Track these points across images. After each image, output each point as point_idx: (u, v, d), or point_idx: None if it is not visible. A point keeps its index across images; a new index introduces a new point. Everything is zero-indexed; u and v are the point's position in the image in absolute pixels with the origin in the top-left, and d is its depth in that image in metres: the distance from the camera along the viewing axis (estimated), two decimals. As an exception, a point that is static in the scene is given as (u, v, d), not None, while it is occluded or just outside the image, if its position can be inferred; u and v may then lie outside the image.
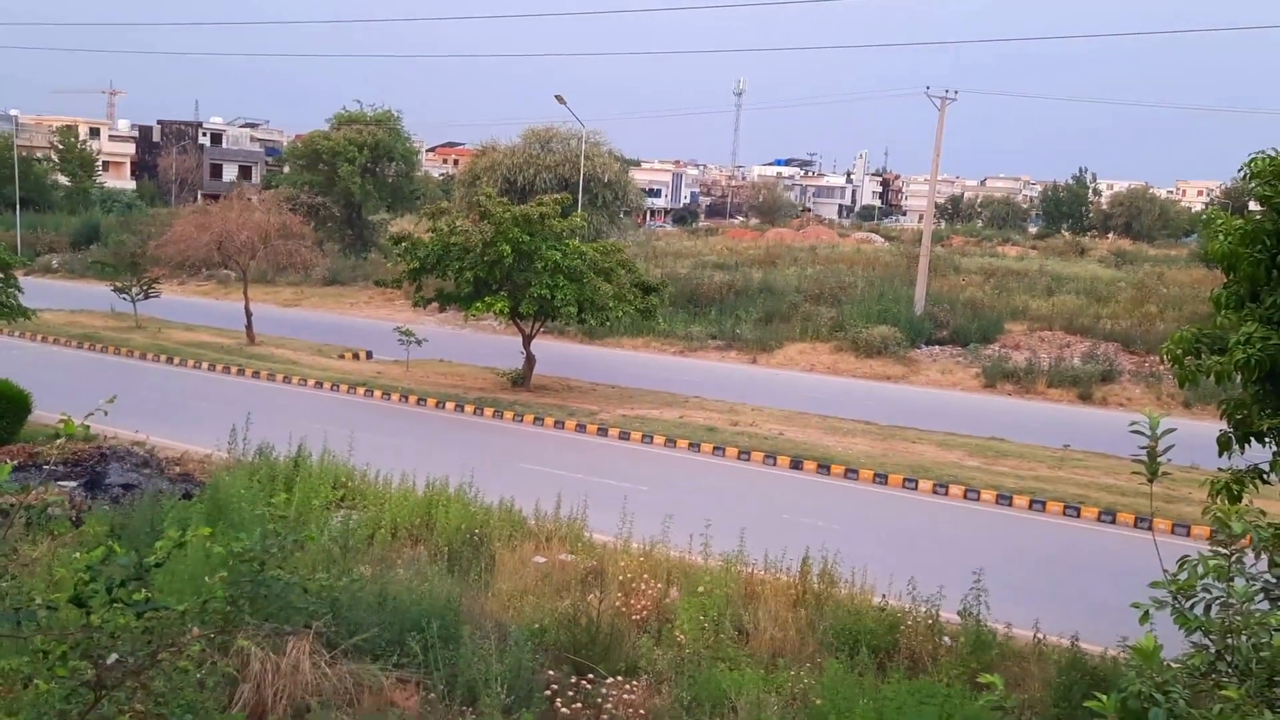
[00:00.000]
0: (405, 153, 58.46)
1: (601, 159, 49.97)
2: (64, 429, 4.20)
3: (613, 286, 25.86)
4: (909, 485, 19.57)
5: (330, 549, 10.66)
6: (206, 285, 49.09)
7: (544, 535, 13.12)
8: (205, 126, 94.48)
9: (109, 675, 3.73)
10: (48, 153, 79.02)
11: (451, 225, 26.26)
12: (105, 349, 31.24)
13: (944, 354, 34.69)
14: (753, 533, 12.10)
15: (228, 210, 35.14)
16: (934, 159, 39.35)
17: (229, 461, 14.95)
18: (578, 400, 25.98)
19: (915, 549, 15.49)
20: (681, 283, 40.72)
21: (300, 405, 24.08)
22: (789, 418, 24.87)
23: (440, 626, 8.88)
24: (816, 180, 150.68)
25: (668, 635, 10.02)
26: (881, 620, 10.64)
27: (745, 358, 35.27)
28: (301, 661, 8.20)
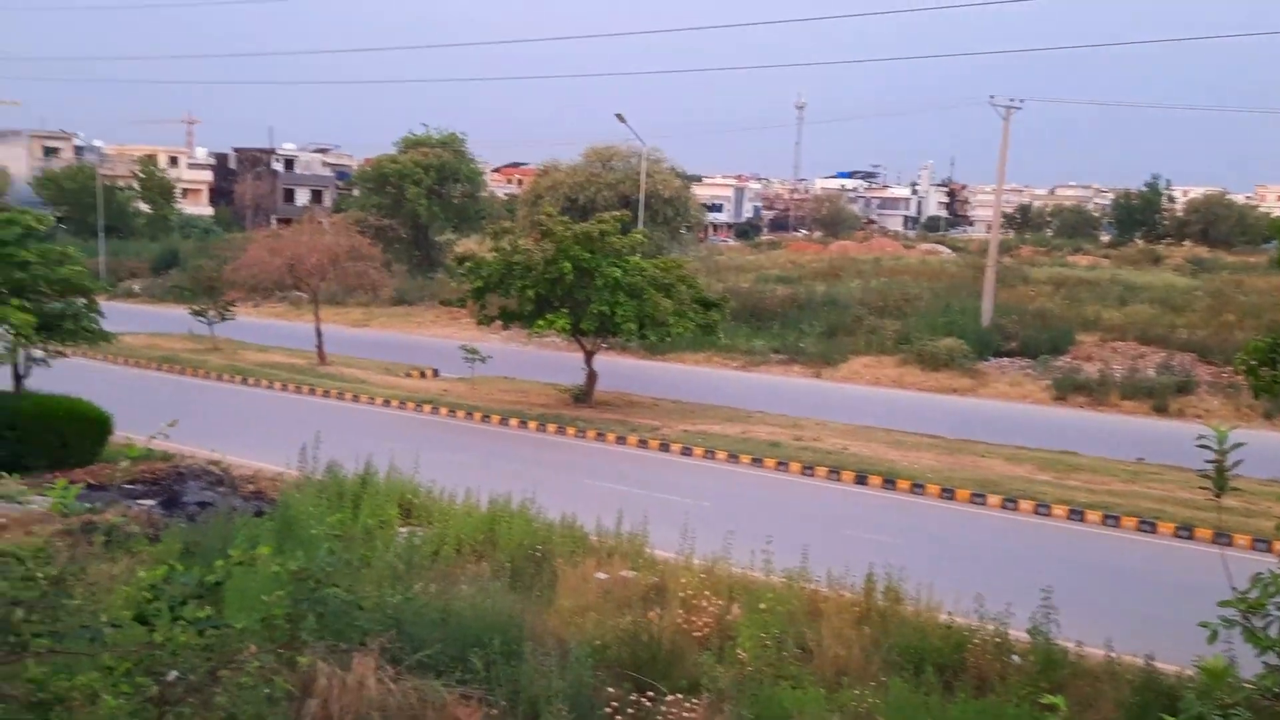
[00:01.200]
0: (470, 174, 59.30)
1: (662, 175, 50.19)
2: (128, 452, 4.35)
3: (673, 302, 25.91)
4: (977, 500, 19.25)
5: (395, 565, 10.81)
6: (279, 307, 50.19)
7: (605, 551, 13.14)
8: (279, 152, 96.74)
9: (171, 691, 3.85)
10: (130, 181, 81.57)
11: (514, 244, 26.57)
12: (183, 370, 32.11)
13: (1012, 366, 34.09)
14: (816, 549, 12.01)
15: (299, 234, 36.03)
16: (999, 168, 38.83)
17: (299, 479, 15.24)
18: (640, 416, 26.03)
19: (983, 565, 15.22)
20: (743, 297, 40.62)
21: (368, 423, 24.49)
22: (853, 432, 24.64)
23: (502, 643, 8.94)
24: (880, 192, 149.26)
25: (729, 653, 9.96)
26: (947, 638, 10.46)
27: (808, 372, 35.02)
28: (366, 678, 8.32)
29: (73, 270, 19.16)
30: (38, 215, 19.91)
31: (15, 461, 16.18)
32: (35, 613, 3.78)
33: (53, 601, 3.82)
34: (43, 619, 3.80)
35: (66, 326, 19.22)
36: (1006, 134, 37.48)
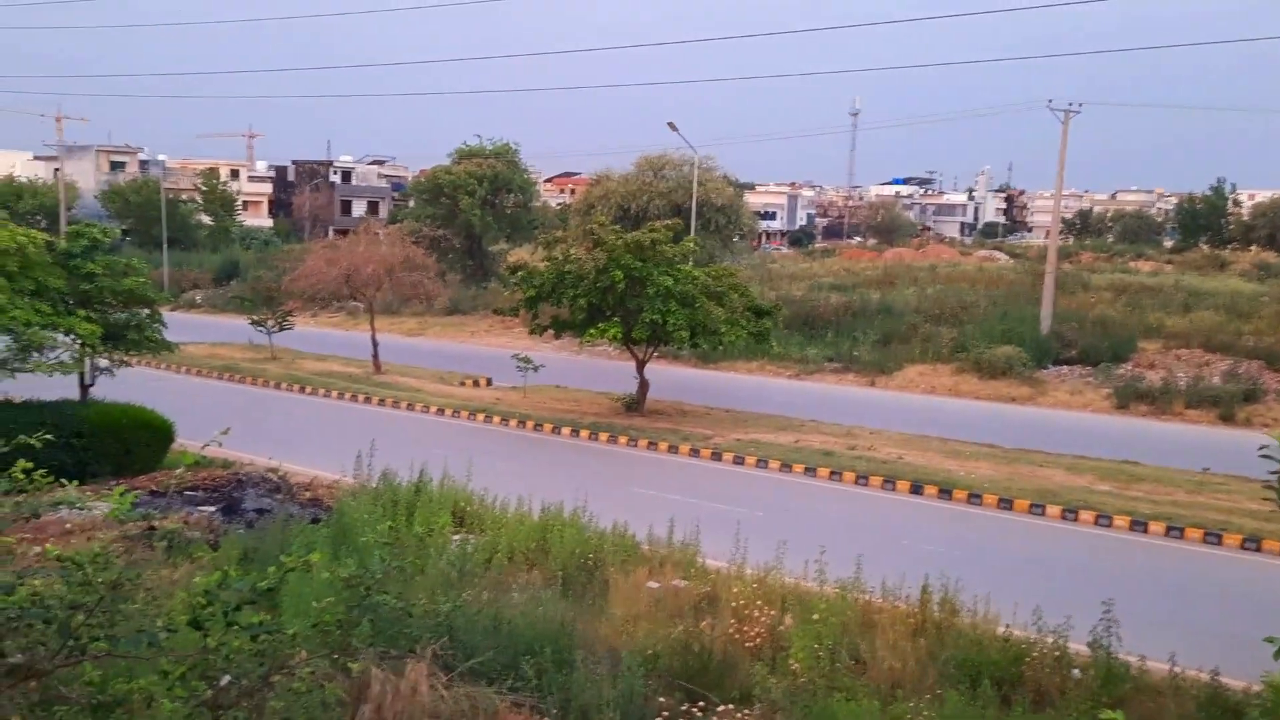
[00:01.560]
0: (523, 184, 59.76)
1: (714, 183, 50.14)
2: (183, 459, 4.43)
3: (725, 310, 25.83)
4: (1036, 511, 18.91)
5: (448, 573, 10.89)
6: (336, 317, 50.94)
7: (657, 560, 13.11)
8: (336, 165, 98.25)
9: (224, 695, 3.90)
10: (192, 194, 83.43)
11: (566, 253, 26.69)
12: (243, 379, 32.70)
13: (1072, 374, 33.50)
14: (870, 559, 11.88)
15: (355, 245, 36.53)
16: (1058, 173, 38.26)
17: (354, 487, 15.42)
18: (691, 424, 25.98)
19: (1042, 577, 14.94)
20: (797, 305, 40.41)
21: (423, 431, 24.74)
22: (909, 441, 24.36)
23: (554, 651, 8.96)
24: (937, 198, 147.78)
25: (782, 663, 9.88)
26: (1005, 651, 10.27)
27: (863, 380, 34.71)
28: (419, 684, 8.37)
29: (136, 282, 19.64)
30: (104, 228, 20.43)
31: (81, 468, 16.62)
32: (93, 617, 3.85)
33: (110, 606, 3.90)
34: (100, 623, 3.88)
35: (130, 336, 19.69)
36: (1065, 138, 36.89)
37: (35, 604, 3.83)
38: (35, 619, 3.79)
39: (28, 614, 3.78)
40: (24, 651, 3.84)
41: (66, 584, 3.98)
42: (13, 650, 3.81)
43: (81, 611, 3.86)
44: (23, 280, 16.84)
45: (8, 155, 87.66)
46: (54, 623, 3.81)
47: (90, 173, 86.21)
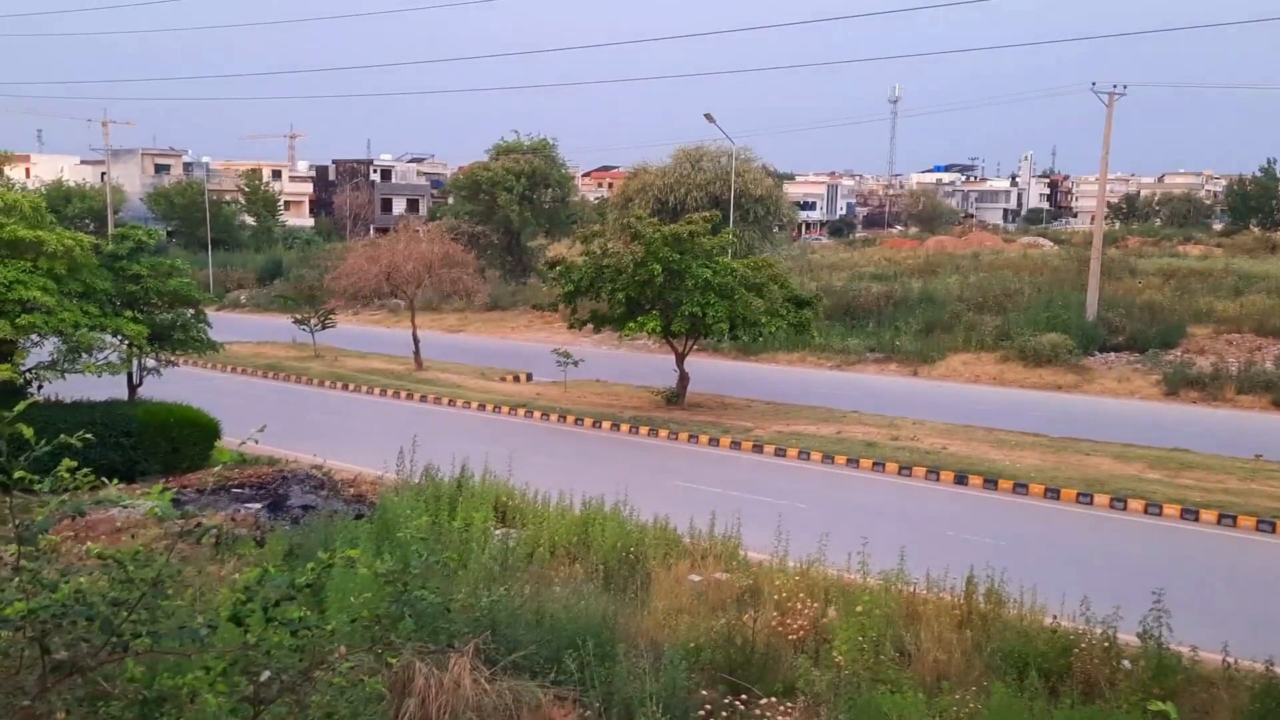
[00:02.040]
0: (561, 179, 59.86)
1: (753, 174, 49.92)
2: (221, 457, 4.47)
3: (765, 302, 25.71)
4: (1083, 500, 18.64)
5: (490, 567, 10.93)
6: (378, 314, 51.38)
7: (699, 553, 13.09)
8: (376, 163, 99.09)
9: (265, 691, 3.93)
10: (235, 195, 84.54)
11: (604, 248, 26.71)
12: (287, 377, 33.09)
13: (1120, 361, 32.97)
14: (914, 550, 11.78)
15: (395, 243, 36.83)
16: (1103, 157, 37.64)
17: (397, 483, 15.54)
18: (732, 417, 25.90)
19: (1090, 567, 14.72)
20: (837, 295, 40.16)
21: (464, 427, 24.89)
22: (952, 431, 24.11)
23: (596, 644, 8.96)
24: (979, 185, 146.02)
25: (825, 656, 9.81)
26: (1053, 642, 10.12)
27: (905, 370, 34.42)
28: (463, 677, 8.42)
29: (182, 282, 19.92)
30: (149, 230, 20.74)
31: (130, 466, 16.94)
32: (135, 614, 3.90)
33: (151, 603, 3.94)
34: (142, 620, 3.92)
35: (176, 336, 19.98)
36: (1110, 121, 36.29)
37: (79, 601, 3.89)
38: (79, 616, 3.84)
39: (72, 611, 3.84)
40: (69, 648, 3.89)
41: (109, 581, 4.04)
42: (58, 647, 3.87)
43: (124, 608, 3.91)
44: (71, 283, 17.14)
45: (56, 160, 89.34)
46: (97, 619, 3.86)
47: (136, 176, 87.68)
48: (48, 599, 3.84)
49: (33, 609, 3.79)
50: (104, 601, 3.91)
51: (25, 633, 3.91)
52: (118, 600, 3.91)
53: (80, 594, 3.91)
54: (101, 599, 3.93)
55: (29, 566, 3.95)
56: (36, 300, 16.09)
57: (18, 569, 3.95)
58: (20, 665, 3.99)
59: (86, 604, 3.86)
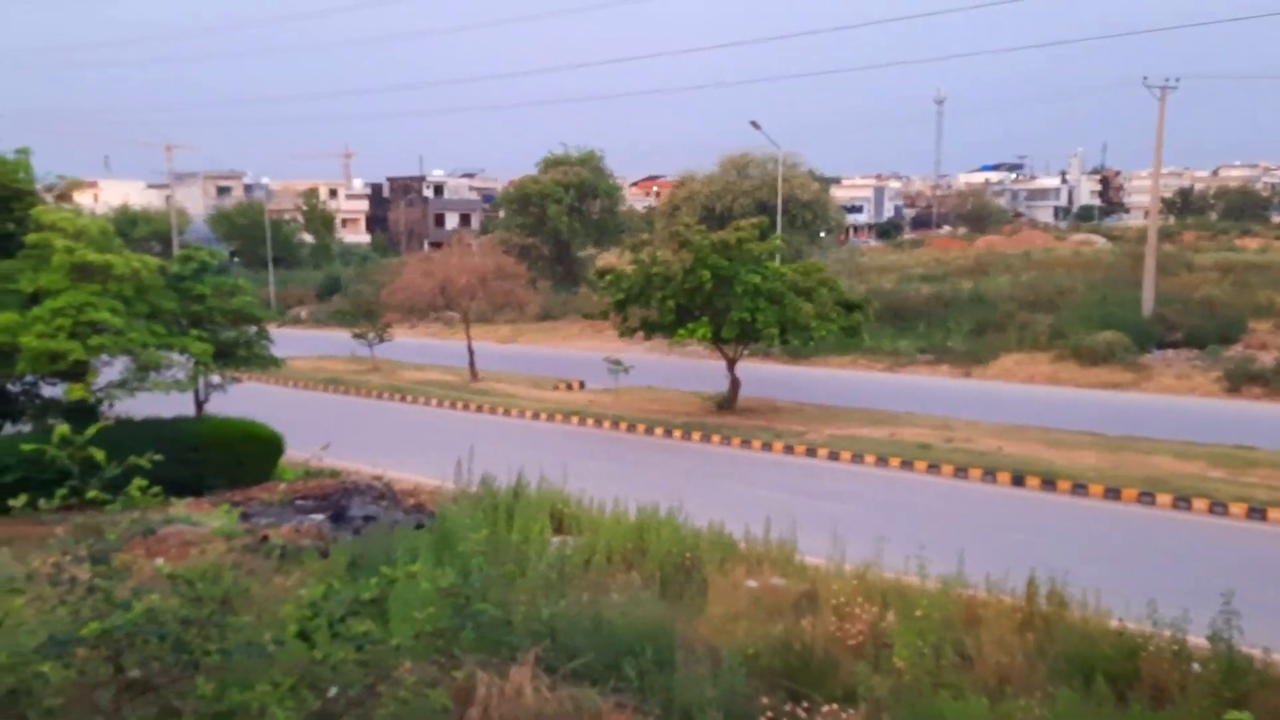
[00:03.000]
0: (608, 189, 60.14)
1: (799, 179, 49.77)
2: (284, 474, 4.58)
3: (814, 306, 25.61)
4: (1145, 500, 18.29)
5: (548, 575, 11.01)
6: (434, 327, 51.93)
7: (755, 559, 13.06)
8: (428, 179, 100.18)
9: (332, 706, 4.02)
10: (294, 214, 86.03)
11: (652, 256, 26.79)
12: (347, 391, 33.58)
13: (1178, 358, 32.31)
14: (972, 553, 11.64)
15: (449, 256, 37.32)
16: (1156, 151, 36.98)
17: (455, 492, 15.69)
18: (784, 421, 25.80)
19: (1154, 568, 14.44)
20: (887, 298, 39.84)
21: (519, 435, 25.08)
22: (1007, 432, 23.79)
23: (654, 651, 8.97)
24: (1028, 183, 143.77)
25: (885, 661, 9.74)
26: (1119, 646, 9.93)
27: (957, 371, 34.03)
28: (524, 686, 8.49)
29: (244, 301, 20.33)
30: (212, 251, 21.22)
31: (198, 481, 17.31)
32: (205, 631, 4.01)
33: (220, 620, 4.05)
34: (212, 637, 4.03)
35: (240, 353, 20.38)
36: (1163, 115, 35.62)
37: (151, 620, 4.00)
38: (151, 635, 3.95)
39: (144, 630, 3.95)
40: (142, 666, 4.01)
41: (179, 599, 4.15)
42: (131, 665, 3.99)
43: (193, 626, 4.02)
44: (139, 304, 17.58)
45: (123, 185, 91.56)
46: (168, 638, 3.97)
47: (199, 198, 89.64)
48: (121, 618, 3.96)
49: (107, 628, 3.91)
50: (175, 620, 4.02)
51: (100, 651, 4.03)
52: (188, 618, 4.02)
53: (152, 612, 4.03)
54: (172, 617, 4.04)
55: (103, 586, 4.08)
56: (106, 322, 16.52)
57: (92, 588, 4.09)
58: (94, 683, 4.12)
59: (158, 623, 3.98)
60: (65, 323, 16.11)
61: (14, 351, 16.19)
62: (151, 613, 4.08)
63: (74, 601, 4.21)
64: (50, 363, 16.44)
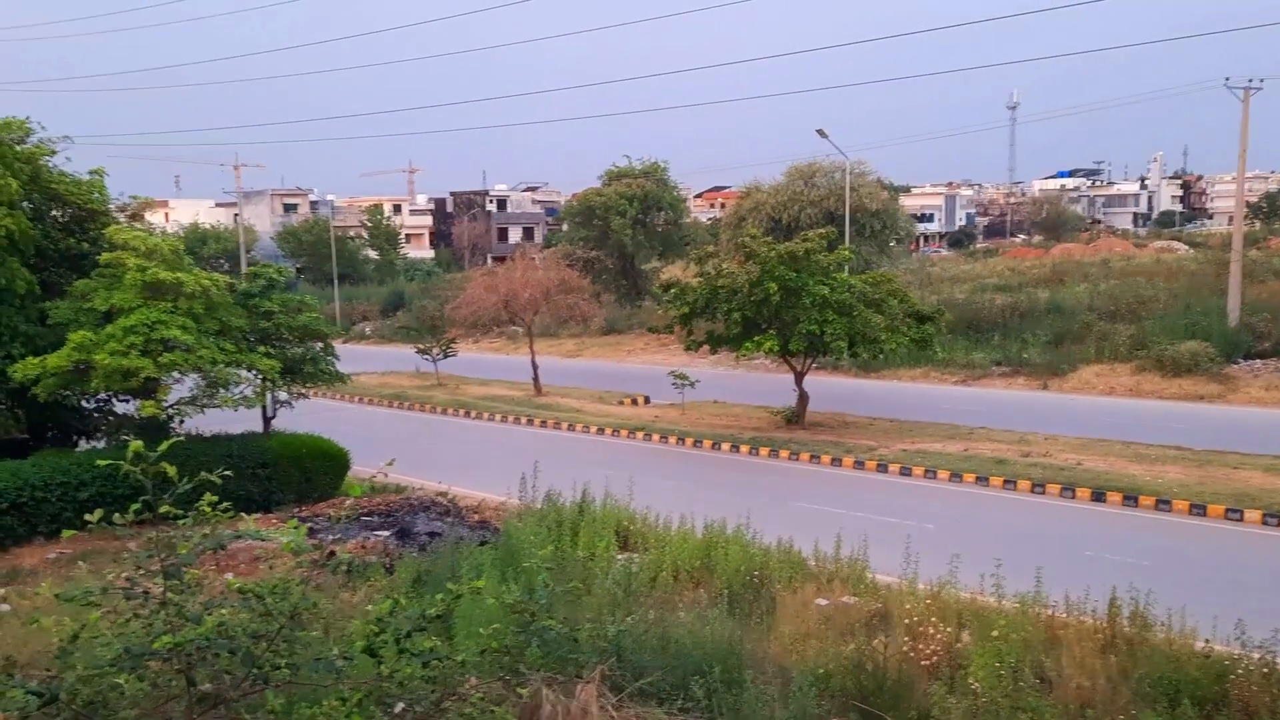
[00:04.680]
0: (673, 201, 60.11)
1: (867, 189, 49.26)
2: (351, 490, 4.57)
3: (884, 318, 25.25)
4: (1232, 516, 17.64)
5: (614, 593, 10.93)
6: (497, 342, 52.36)
7: (825, 576, 12.84)
8: (491, 194, 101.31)
9: (400, 721, 3.99)
10: (359, 231, 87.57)
11: (718, 268, 26.65)
12: (412, 406, 33.94)
13: (1267, 368, 31.24)
14: (1051, 571, 11.30)
15: (512, 271, 37.56)
16: (1240, 155, 35.83)
17: (520, 509, 15.71)
18: (854, 436, 25.44)
19: (1243, 588, 13.89)
20: (960, 308, 39.17)
21: (584, 451, 25.07)
22: (1087, 446, 23.17)
23: (723, 670, 8.84)
24: (1106, 190, 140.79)
25: (961, 683, 9.48)
26: (1206, 668, 9.56)
27: (1034, 383, 33.30)
28: (590, 705, 8.38)
29: (311, 317, 20.63)
30: (279, 268, 21.57)
31: (266, 496, 17.60)
32: (274, 645, 4.00)
33: (289, 635, 4.04)
34: (281, 651, 4.02)
35: (306, 370, 20.66)
36: (1246, 117, 34.57)
37: (221, 634, 4.01)
38: (222, 649, 3.96)
39: (214, 644, 3.96)
40: (213, 680, 4.02)
41: (249, 614, 4.15)
42: (203, 679, 4.00)
43: (263, 640, 4.01)
44: (208, 321, 17.94)
45: (192, 204, 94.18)
46: (239, 652, 3.97)
47: (266, 215, 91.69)
48: (192, 632, 3.97)
49: (179, 642, 3.92)
50: (245, 634, 4.02)
51: (172, 665, 4.05)
52: (258, 633, 4.02)
53: (223, 626, 4.03)
54: (242, 631, 4.04)
55: (175, 600, 4.10)
56: (177, 339, 16.88)
57: (164, 603, 4.11)
58: (167, 696, 4.14)
59: (229, 637, 3.98)
60: (138, 340, 16.49)
61: (88, 369, 16.61)
62: (222, 627, 4.10)
63: (147, 615, 4.24)
64: (123, 380, 16.83)
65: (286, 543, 4.37)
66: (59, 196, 19.52)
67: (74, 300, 17.71)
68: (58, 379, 16.63)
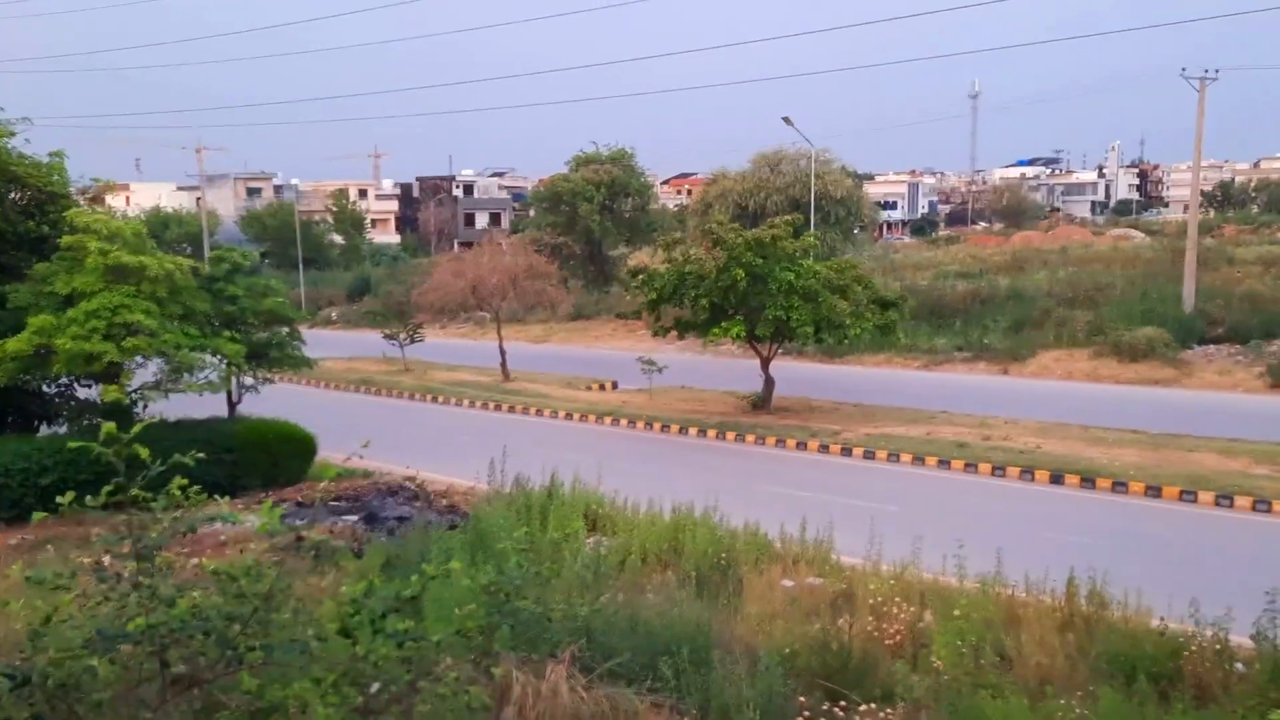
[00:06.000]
0: (640, 187, 60.06)
1: (832, 176, 49.53)
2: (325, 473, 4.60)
3: (849, 304, 25.46)
4: (1187, 498, 18.02)
5: (583, 576, 11.00)
6: (465, 327, 52.14)
7: (791, 558, 13.00)
8: (458, 179, 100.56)
9: (374, 702, 4.03)
10: (324, 215, 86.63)
11: (686, 254, 26.74)
12: (379, 391, 33.79)
13: (1220, 353, 31.84)
14: (1011, 552, 11.51)
15: (479, 256, 37.43)
16: (1196, 144, 36.37)
17: (489, 493, 15.73)
18: (819, 420, 25.67)
19: (1197, 567, 14.23)
20: (922, 295, 39.52)
21: (552, 436, 25.11)
22: (1046, 429, 23.53)
23: (691, 651, 8.94)
24: (1065, 178, 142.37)
25: (924, 661, 9.67)
26: (1161, 645, 9.79)
27: (995, 369, 33.71)
28: (560, 686, 8.47)
29: (276, 302, 20.48)
30: (243, 252, 21.38)
31: (232, 482, 17.45)
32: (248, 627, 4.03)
33: (263, 616, 4.08)
34: (255, 633, 4.06)
35: (272, 354, 20.54)
36: (1202, 107, 35.10)
37: (195, 616, 4.04)
38: (195, 631, 3.99)
39: (188, 626, 3.98)
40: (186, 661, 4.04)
41: (222, 596, 4.18)
42: (176, 660, 4.02)
43: (237, 622, 4.04)
44: (172, 305, 17.75)
45: (154, 187, 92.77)
46: (212, 634, 4.00)
47: (229, 200, 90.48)
48: (166, 614, 3.99)
49: (152, 624, 3.95)
50: (219, 616, 4.05)
51: (145, 647, 4.07)
52: (232, 615, 4.05)
53: (196, 609, 4.06)
54: (216, 613, 4.07)
55: (147, 583, 4.12)
56: (140, 323, 16.70)
57: (137, 585, 4.12)
58: (140, 678, 4.16)
59: (202, 619, 4.01)
60: (100, 325, 16.30)
61: (49, 354, 16.40)
62: (196, 609, 4.12)
63: (118, 598, 4.26)
64: (85, 364, 16.64)
65: (261, 525, 4.39)
66: (18, 179, 19.19)
67: (34, 284, 17.46)
68: (18, 363, 16.42)
